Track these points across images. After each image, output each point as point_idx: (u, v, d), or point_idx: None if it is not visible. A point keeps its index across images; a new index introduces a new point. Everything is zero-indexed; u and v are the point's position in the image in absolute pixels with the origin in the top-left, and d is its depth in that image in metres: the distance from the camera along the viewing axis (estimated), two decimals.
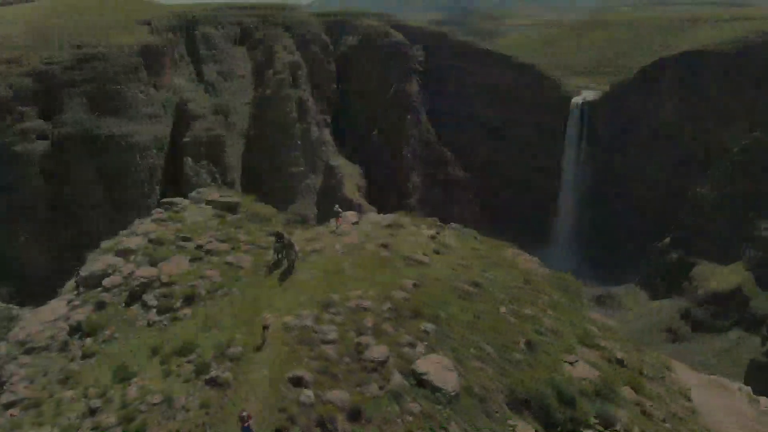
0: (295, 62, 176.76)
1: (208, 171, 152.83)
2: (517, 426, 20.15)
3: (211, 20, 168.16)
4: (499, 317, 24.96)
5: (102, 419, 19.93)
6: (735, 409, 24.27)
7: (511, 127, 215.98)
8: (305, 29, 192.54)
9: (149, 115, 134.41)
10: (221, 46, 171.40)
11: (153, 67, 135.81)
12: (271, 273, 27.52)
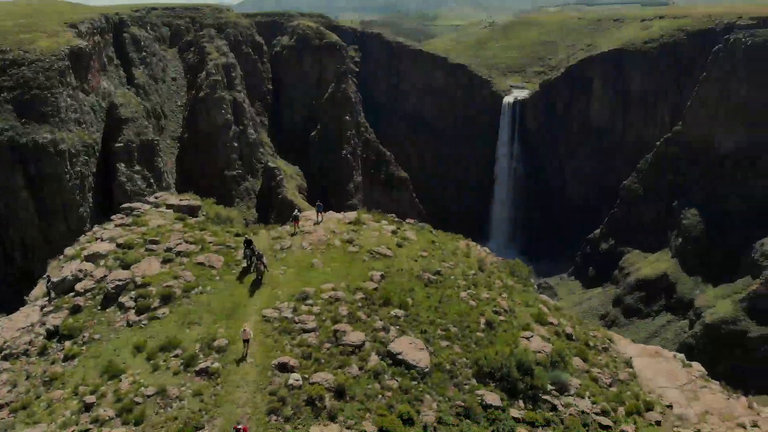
0: (228, 64, 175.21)
1: (142, 176, 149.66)
2: (484, 395, 22.86)
3: (140, 22, 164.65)
4: (461, 301, 27.70)
5: (100, 413, 21.24)
6: (671, 373, 27.98)
7: (447, 126, 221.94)
8: (238, 30, 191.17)
9: (78, 121, 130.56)
10: (151, 49, 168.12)
11: (81, 71, 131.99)
12: (242, 279, 28.81)
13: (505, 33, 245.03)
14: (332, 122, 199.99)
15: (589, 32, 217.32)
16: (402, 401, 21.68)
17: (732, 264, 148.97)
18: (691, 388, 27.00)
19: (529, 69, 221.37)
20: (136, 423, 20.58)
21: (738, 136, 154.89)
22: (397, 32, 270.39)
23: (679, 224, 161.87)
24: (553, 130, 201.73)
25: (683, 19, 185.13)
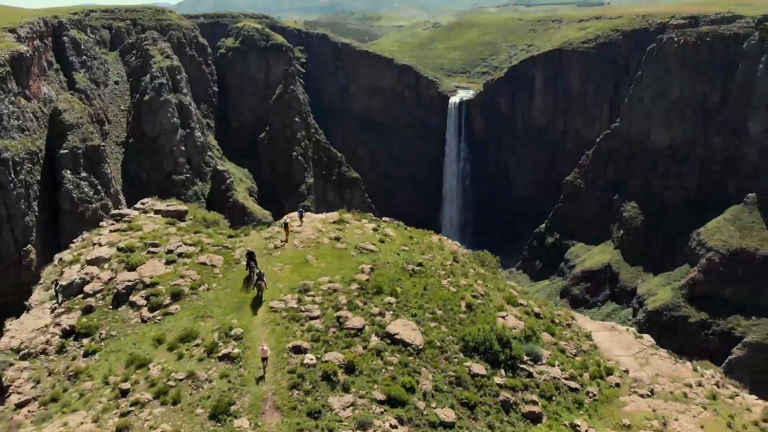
0: (173, 67, 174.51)
1: (89, 183, 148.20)
2: (471, 366, 26.98)
3: (80, 25, 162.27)
4: (443, 288, 31.79)
5: (137, 397, 24.14)
6: (626, 344, 32.88)
7: (396, 126, 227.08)
8: (181, 32, 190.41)
9: (21, 128, 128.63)
10: (92, 52, 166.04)
11: (22, 76, 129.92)
12: (246, 287, 30.60)
13: (448, 34, 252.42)
14: (281, 124, 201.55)
15: (529, 33, 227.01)
16: (403, 374, 25.51)
17: (671, 253, 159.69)
18: (643, 355, 31.96)
19: (473, 69, 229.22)
20: (174, 403, 23.61)
21: (672, 132, 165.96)
22: (341, 33, 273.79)
23: (619, 217, 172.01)
24: (498, 129, 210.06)
25: (618, 20, 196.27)
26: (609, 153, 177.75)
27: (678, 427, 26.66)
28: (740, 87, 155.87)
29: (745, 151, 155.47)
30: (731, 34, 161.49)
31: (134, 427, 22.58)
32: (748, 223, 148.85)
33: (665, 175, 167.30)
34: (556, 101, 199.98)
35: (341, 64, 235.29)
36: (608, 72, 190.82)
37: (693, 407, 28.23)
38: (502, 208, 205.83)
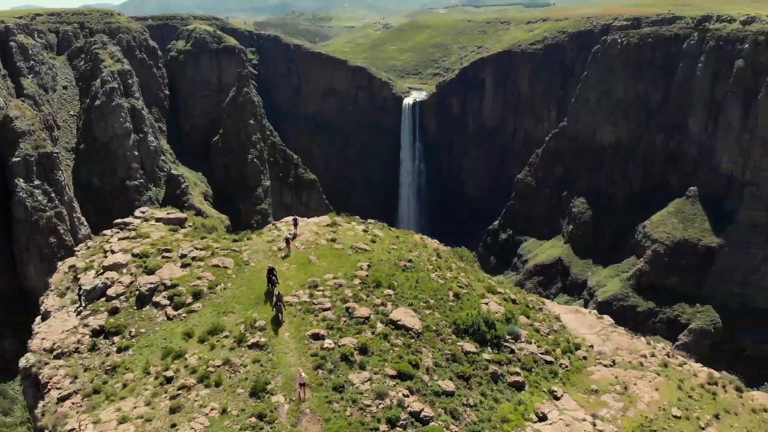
0: (124, 71, 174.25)
1: (42, 191, 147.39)
2: (463, 345, 32.13)
3: (26, 29, 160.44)
4: (432, 280, 36.85)
5: (183, 382, 28.16)
6: (589, 323, 38.66)
7: (351, 127, 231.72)
8: (130, 35, 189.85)
9: None
10: (39, 57, 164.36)
11: None
12: (268, 300, 33.20)
13: (399, 35, 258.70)
14: (235, 127, 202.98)
15: (479, 34, 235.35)
16: (407, 353, 30.39)
17: (618, 246, 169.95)
18: (604, 333, 37.80)
19: (425, 71, 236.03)
20: (216, 385, 27.75)
21: (617, 130, 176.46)
22: (292, 33, 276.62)
23: (569, 213, 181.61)
24: (451, 130, 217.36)
25: (564, 21, 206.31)
26: (557, 152, 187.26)
27: (637, 390, 32.46)
28: (680, 86, 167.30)
29: (686, 148, 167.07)
30: (672, 35, 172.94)
31: (185, 407, 26.66)
32: (689, 216, 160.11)
33: (611, 171, 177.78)
34: (506, 102, 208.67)
35: (294, 66, 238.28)
36: (555, 73, 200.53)
37: (648, 374, 34.14)
38: (456, 207, 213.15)
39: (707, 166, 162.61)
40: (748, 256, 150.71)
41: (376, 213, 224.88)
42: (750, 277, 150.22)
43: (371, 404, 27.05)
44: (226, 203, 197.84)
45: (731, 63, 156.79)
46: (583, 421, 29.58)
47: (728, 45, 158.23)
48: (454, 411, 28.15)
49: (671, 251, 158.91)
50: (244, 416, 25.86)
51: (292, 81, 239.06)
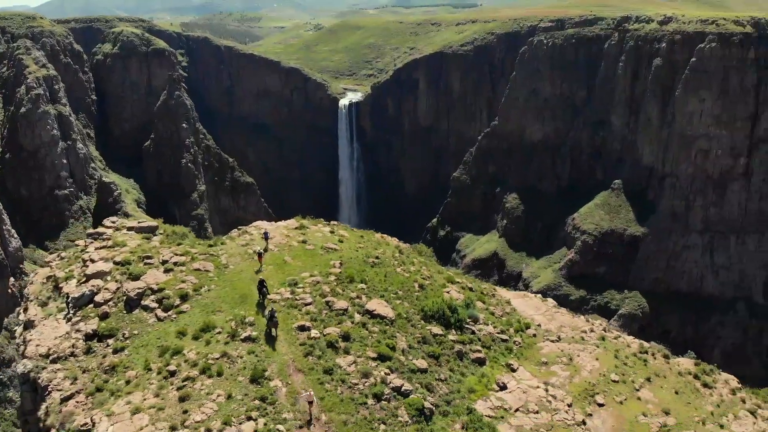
0: (50, 76, 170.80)
1: None
2: (431, 329, 36.86)
3: None
4: (398, 274, 41.44)
5: (187, 374, 31.49)
6: (535, 306, 44.22)
7: (286, 129, 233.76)
8: (54, 39, 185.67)
9: None
10: None
11: None
12: (260, 311, 35.52)
13: (331, 36, 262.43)
14: (168, 131, 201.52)
15: (410, 36, 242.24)
16: (384, 338, 34.81)
17: (549, 238, 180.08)
18: (549, 313, 43.41)
19: (359, 72, 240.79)
20: (218, 375, 31.23)
21: (545, 128, 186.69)
22: (220, 34, 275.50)
23: (502, 208, 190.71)
24: (388, 130, 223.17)
25: (492, 23, 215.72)
26: (489, 150, 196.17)
27: (580, 361, 38.09)
28: (603, 84, 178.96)
29: (610, 143, 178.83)
30: (594, 36, 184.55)
31: (193, 395, 30.09)
32: (615, 207, 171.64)
33: (541, 167, 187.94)
34: (439, 102, 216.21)
35: (225, 68, 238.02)
36: (485, 73, 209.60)
37: (589, 346, 39.87)
38: (396, 205, 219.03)
39: (630, 160, 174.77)
40: (670, 244, 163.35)
41: (316, 214, 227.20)
42: (672, 263, 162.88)
43: (358, 383, 31.35)
44: (161, 210, 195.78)
45: (649, 62, 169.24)
46: (537, 388, 34.89)
47: (646, 44, 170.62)
48: (428, 385, 32.82)
49: (599, 241, 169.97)
50: (248, 399, 29.59)
51: (224, 83, 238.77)
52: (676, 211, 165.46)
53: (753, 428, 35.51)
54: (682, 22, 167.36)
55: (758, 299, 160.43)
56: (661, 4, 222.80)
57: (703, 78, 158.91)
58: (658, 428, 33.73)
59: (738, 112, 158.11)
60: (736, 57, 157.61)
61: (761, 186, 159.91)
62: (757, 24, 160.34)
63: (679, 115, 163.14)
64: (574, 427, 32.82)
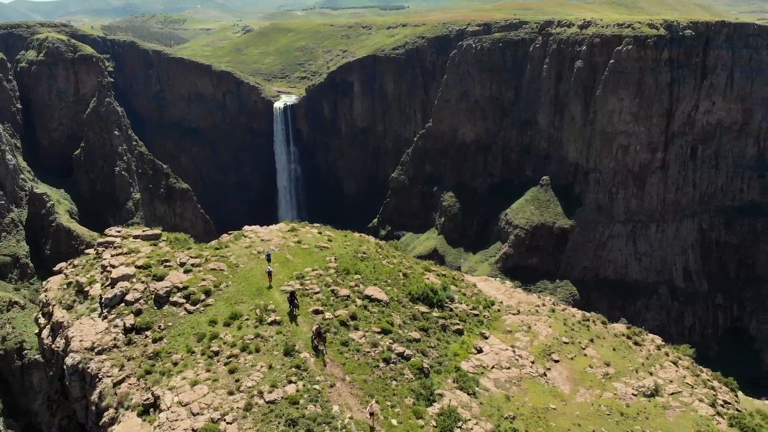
0: None
1: None
2: (419, 308, 45.98)
3: None
4: (384, 265, 50.35)
5: (230, 352, 39.15)
6: (496, 287, 54.08)
7: (220, 133, 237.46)
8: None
9: None
10: None
11: None
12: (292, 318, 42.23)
13: (262, 39, 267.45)
14: (99, 139, 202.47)
15: (342, 39, 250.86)
16: (383, 317, 43.64)
17: (485, 233, 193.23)
18: (508, 293, 53.43)
19: (292, 74, 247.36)
20: (257, 351, 39.08)
21: (477, 128, 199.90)
22: (143, 37, 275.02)
23: (440, 206, 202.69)
24: (324, 132, 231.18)
25: (422, 27, 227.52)
26: (425, 150, 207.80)
27: (536, 328, 48.17)
28: (529, 86, 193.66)
29: (537, 141, 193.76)
30: (519, 40, 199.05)
31: (240, 368, 37.88)
32: (544, 202, 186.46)
33: (474, 166, 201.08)
34: (375, 104, 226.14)
35: (154, 72, 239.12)
36: (417, 76, 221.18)
37: (542, 317, 50.07)
38: (336, 206, 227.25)
39: (556, 157, 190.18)
40: (596, 234, 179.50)
41: (255, 217, 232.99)
42: (599, 253, 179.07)
43: (370, 351, 40.10)
44: (96, 220, 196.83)
45: (572, 64, 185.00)
46: (506, 351, 44.65)
47: (568, 48, 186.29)
48: (423, 351, 41.97)
49: (530, 235, 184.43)
50: (286, 368, 37.73)
51: (153, 88, 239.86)
52: (601, 204, 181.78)
53: (675, 374, 46.59)
54: (601, 26, 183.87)
55: (679, 283, 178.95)
56: (579, 7, 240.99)
57: (621, 78, 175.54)
58: (602, 376, 44.19)
59: (654, 110, 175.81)
60: (651, 58, 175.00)
61: (677, 178, 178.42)
62: (670, 26, 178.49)
63: (600, 113, 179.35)
64: (538, 378, 42.80)
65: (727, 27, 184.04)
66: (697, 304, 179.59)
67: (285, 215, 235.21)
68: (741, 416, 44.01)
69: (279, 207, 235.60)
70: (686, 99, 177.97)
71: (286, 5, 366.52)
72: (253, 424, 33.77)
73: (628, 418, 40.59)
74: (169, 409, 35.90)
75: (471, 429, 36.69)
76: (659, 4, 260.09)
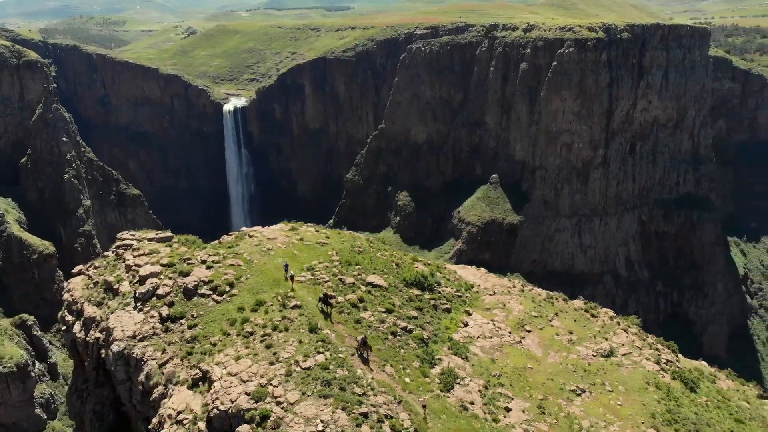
0: None
1: None
2: (413, 291, 55.47)
3: None
4: (379, 257, 59.64)
5: (263, 332, 47.49)
6: (473, 273, 64.14)
7: (169, 137, 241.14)
8: None
9: None
10: None
11: None
12: (326, 316, 50.34)
13: (208, 41, 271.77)
14: (47, 146, 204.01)
15: (290, 41, 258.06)
16: (385, 300, 52.92)
17: (439, 231, 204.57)
18: (484, 277, 63.51)
19: (241, 77, 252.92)
20: (286, 330, 47.64)
21: (428, 128, 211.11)
22: (84, 40, 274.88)
23: (395, 206, 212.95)
24: (276, 133, 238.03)
25: (371, 30, 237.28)
26: (379, 151, 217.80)
27: (510, 305, 58.36)
28: (477, 87, 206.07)
29: (486, 141, 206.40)
30: (466, 43, 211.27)
31: (275, 344, 46.32)
32: (494, 199, 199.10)
33: (427, 166, 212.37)
34: (326, 106, 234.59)
35: (99, 76, 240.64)
36: (368, 78, 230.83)
37: (514, 296, 60.36)
38: (290, 208, 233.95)
39: (504, 156, 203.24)
40: (544, 228, 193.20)
41: (207, 221, 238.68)
42: (547, 246, 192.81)
43: (379, 326, 49.35)
44: (45, 228, 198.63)
45: (517, 66, 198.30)
46: (488, 324, 54.62)
47: (513, 50, 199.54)
48: (421, 326, 51.52)
49: (482, 231, 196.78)
50: (314, 341, 46.46)
51: (98, 92, 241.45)
52: (547, 200, 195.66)
53: (626, 339, 57.58)
54: (544, 29, 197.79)
55: (622, 272, 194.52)
56: (522, 9, 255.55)
57: (563, 79, 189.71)
58: (567, 342, 54.68)
59: (595, 109, 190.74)
60: (591, 60, 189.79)
61: (617, 173, 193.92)
62: (608, 29, 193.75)
63: (544, 113, 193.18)
64: (515, 345, 52.97)
65: (661, 29, 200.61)
66: (639, 291, 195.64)
67: (238, 219, 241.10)
68: (681, 371, 55.33)
69: (232, 211, 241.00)
70: (625, 98, 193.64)
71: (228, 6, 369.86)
72: (296, 386, 42.42)
73: (590, 374, 51.16)
74: (221, 379, 44.08)
75: (467, 384, 46.43)
76: (596, 5, 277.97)
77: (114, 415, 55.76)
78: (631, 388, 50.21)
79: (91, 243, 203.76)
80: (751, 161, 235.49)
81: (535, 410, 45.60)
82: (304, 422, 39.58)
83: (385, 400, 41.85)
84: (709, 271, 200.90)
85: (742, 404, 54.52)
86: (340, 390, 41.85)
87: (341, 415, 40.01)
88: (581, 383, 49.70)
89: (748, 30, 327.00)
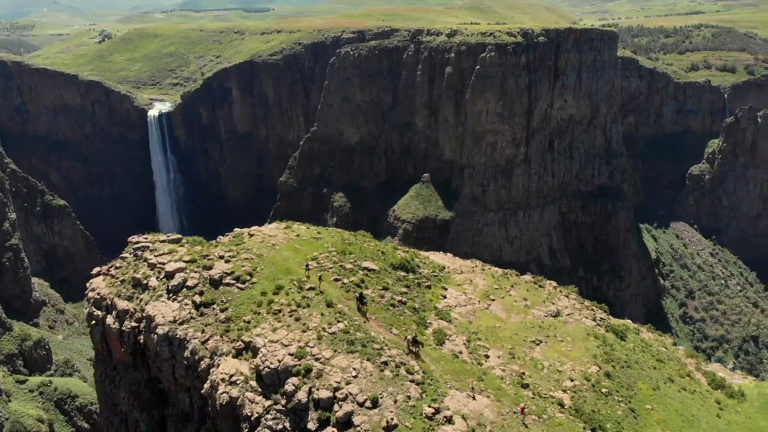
0: None
1: None
2: (400, 273, 70.41)
3: None
4: (367, 247, 74.24)
5: (289, 309, 60.92)
6: (442, 257, 79.55)
7: (91, 144, 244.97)
8: None
9: None
10: None
11: None
12: (362, 314, 64.25)
13: (126, 45, 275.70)
14: None
15: (214, 44, 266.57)
16: (379, 280, 67.65)
17: (376, 230, 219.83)
18: (451, 260, 79.19)
19: (164, 81, 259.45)
20: (308, 306, 61.22)
21: (360, 130, 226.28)
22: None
23: (331, 207, 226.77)
24: (203, 138, 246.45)
25: (298, 33, 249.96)
26: (312, 153, 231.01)
27: (477, 282, 74.27)
28: (405, 90, 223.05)
29: (416, 142, 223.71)
30: (393, 47, 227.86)
31: (302, 317, 59.89)
32: (427, 197, 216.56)
33: (361, 167, 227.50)
34: (255, 109, 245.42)
35: (14, 84, 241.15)
36: (297, 81, 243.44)
37: (478, 274, 76.32)
38: (220, 212, 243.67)
39: (434, 156, 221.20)
40: (473, 223, 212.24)
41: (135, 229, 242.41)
42: (477, 239, 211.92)
43: (380, 300, 64.00)
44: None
45: (442, 69, 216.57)
46: (461, 296, 70.25)
47: (438, 55, 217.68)
48: (411, 299, 66.58)
49: (417, 228, 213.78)
50: (333, 314, 60.46)
51: (14, 100, 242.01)
52: (475, 196, 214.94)
53: (568, 303, 74.73)
54: (466, 34, 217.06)
55: (546, 261, 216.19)
56: (442, 12, 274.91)
57: (486, 82, 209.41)
58: (524, 307, 71.11)
59: (516, 109, 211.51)
60: (511, 63, 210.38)
61: (538, 168, 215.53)
62: (526, 34, 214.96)
63: (470, 114, 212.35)
64: (485, 310, 68.93)
65: (574, 33, 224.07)
66: (562, 278, 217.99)
67: (166, 226, 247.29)
68: (613, 325, 73.00)
69: (159, 216, 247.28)
70: (543, 98, 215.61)
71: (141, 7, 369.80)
72: (327, 346, 56.42)
73: (544, 329, 67.78)
74: (264, 346, 57.46)
75: (454, 340, 61.89)
76: (512, 8, 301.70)
77: (150, 393, 67.63)
78: (576, 338, 67.19)
79: (19, 257, 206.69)
80: (657, 154, 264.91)
81: (507, 356, 61.59)
82: (340, 371, 53.70)
83: (397, 353, 56.58)
84: (624, 256, 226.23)
85: (661, 349, 72.84)
86: (362, 347, 56.23)
87: (368, 364, 54.39)
88: (539, 336, 66.18)
89: (652, 30, 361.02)
